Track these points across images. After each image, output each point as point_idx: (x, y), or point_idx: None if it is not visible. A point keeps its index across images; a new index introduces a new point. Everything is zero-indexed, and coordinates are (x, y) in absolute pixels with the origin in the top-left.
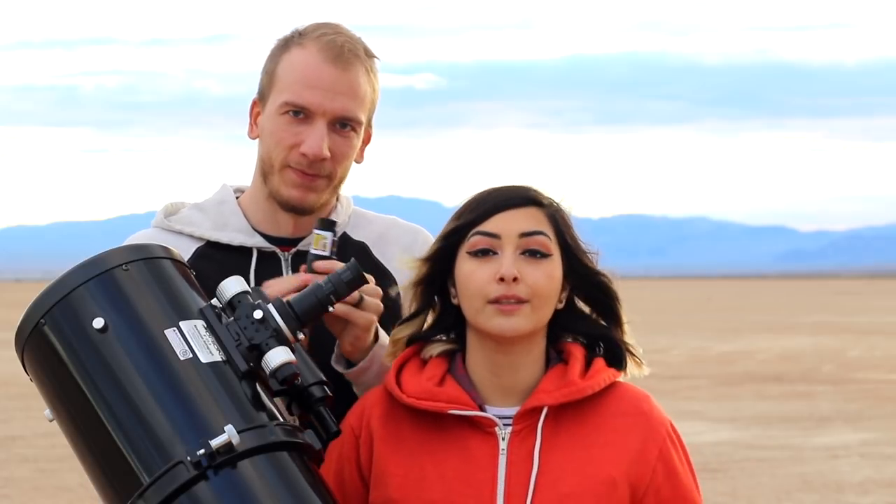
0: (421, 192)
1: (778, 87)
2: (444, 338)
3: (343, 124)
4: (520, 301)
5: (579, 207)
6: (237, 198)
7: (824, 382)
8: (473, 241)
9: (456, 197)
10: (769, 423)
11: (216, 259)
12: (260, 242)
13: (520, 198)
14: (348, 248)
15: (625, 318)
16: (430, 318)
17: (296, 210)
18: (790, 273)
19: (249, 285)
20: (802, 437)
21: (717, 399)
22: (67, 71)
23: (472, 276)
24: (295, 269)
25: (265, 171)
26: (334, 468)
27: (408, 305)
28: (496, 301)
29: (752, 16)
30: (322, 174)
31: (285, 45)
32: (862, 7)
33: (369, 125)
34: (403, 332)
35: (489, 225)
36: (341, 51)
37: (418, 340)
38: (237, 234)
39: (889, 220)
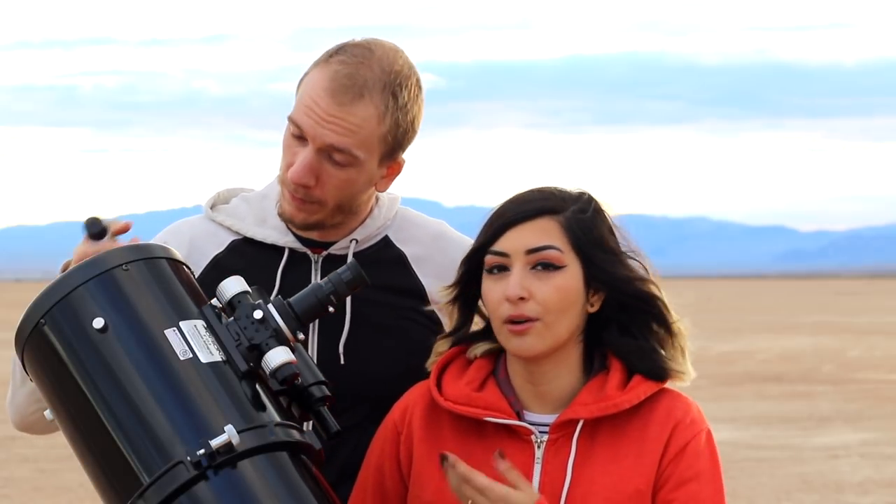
0: (421, 192)
1: (777, 87)
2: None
3: (335, 159)
4: (530, 319)
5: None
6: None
7: (824, 382)
8: (487, 259)
9: (455, 197)
10: (769, 423)
11: (247, 254)
12: (292, 242)
13: (530, 210)
14: (386, 254)
15: (675, 323)
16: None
17: (293, 224)
18: (790, 273)
19: (252, 285)
20: (802, 437)
21: (717, 399)
22: (66, 71)
23: (487, 295)
24: (324, 273)
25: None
26: (375, 462)
27: (447, 318)
28: (509, 320)
29: (750, 16)
30: (309, 200)
31: (317, 61)
32: (860, 7)
33: (392, 159)
34: (446, 345)
35: (500, 243)
36: (345, 84)
37: (463, 342)
38: (272, 231)
39: (889, 220)
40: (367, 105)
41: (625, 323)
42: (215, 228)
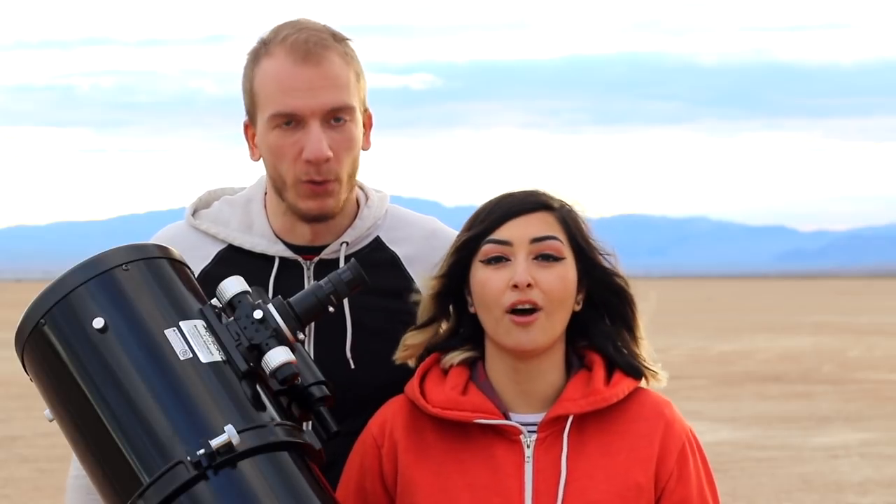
0: (420, 191)
1: (775, 87)
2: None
3: (336, 118)
4: (535, 307)
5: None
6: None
7: (824, 382)
8: (486, 249)
9: (455, 196)
10: (769, 423)
11: (238, 264)
12: (282, 251)
13: (529, 203)
14: (379, 256)
15: (641, 324)
16: (444, 326)
17: (318, 219)
18: (790, 273)
19: (252, 287)
20: (802, 437)
21: (716, 399)
22: (64, 71)
23: (486, 285)
24: (317, 279)
25: (278, 189)
26: (356, 478)
27: (421, 314)
28: (512, 309)
29: (748, 16)
30: (332, 178)
31: (255, 58)
32: (858, 7)
33: (365, 109)
34: (416, 338)
35: (500, 233)
36: (309, 47)
37: (437, 350)
38: (261, 239)
39: (889, 220)
40: (333, 54)
41: (605, 319)
42: (199, 238)
